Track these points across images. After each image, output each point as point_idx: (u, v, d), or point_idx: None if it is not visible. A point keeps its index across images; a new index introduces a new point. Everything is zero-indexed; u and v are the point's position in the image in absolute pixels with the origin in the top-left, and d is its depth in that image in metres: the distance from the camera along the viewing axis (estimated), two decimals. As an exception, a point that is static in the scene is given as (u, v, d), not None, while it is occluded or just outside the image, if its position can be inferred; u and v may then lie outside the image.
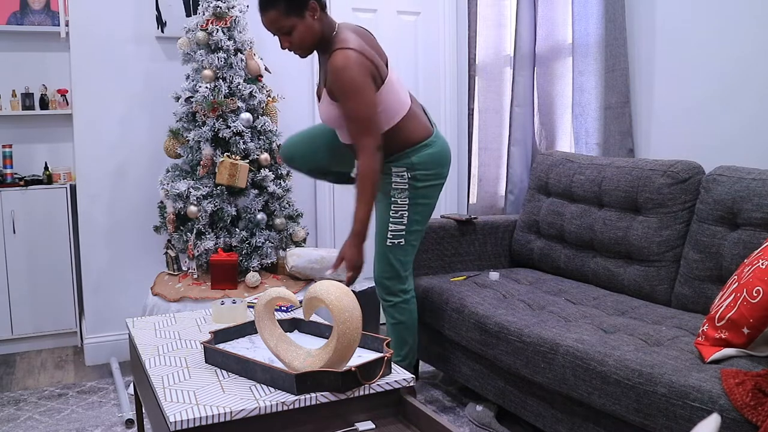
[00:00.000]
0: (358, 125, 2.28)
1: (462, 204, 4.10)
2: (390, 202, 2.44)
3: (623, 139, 2.99)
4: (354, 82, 2.24)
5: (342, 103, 2.29)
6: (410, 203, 2.44)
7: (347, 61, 2.24)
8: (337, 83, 2.26)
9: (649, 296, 2.51)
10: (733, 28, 2.55)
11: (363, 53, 2.28)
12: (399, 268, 2.50)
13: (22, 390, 3.07)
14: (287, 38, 2.30)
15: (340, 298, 1.53)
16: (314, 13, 2.28)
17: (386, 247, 2.48)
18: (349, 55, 2.24)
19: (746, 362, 1.76)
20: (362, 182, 2.30)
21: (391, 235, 2.47)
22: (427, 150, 2.44)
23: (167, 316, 2.20)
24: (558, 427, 2.17)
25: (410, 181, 2.43)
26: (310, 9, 2.27)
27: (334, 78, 2.26)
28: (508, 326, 2.31)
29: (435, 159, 2.45)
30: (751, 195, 2.19)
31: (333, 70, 2.25)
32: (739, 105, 2.55)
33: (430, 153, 2.44)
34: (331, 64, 2.26)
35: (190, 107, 3.06)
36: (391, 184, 2.43)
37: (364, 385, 1.58)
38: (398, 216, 2.45)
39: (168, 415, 1.44)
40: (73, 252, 3.63)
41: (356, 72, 2.24)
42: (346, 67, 2.24)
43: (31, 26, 3.73)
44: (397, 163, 2.42)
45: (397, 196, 2.44)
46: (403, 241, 2.47)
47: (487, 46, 3.72)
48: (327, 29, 2.35)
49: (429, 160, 2.43)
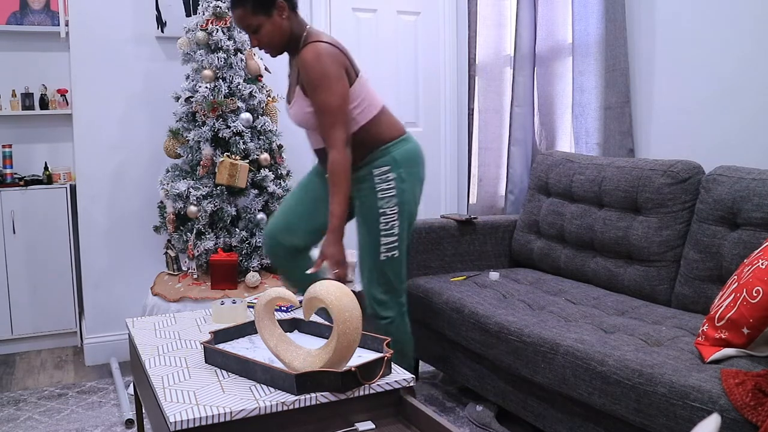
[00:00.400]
0: (329, 117, 2.25)
1: (462, 204, 4.10)
2: (378, 215, 2.36)
3: (623, 139, 2.99)
4: (326, 72, 2.22)
5: (313, 95, 2.26)
6: (399, 210, 2.37)
7: (319, 52, 2.23)
8: (309, 74, 2.24)
9: (649, 296, 2.51)
10: (733, 28, 2.55)
11: (335, 45, 2.28)
12: (394, 281, 2.43)
13: (22, 390, 3.07)
14: (255, 36, 2.28)
15: (340, 298, 1.53)
16: (282, 12, 2.26)
17: (381, 262, 2.40)
18: (320, 47, 2.24)
19: (746, 362, 1.76)
20: (335, 177, 2.26)
21: (385, 249, 2.39)
22: (407, 145, 2.41)
23: (167, 316, 2.20)
24: (558, 427, 2.17)
25: (397, 183, 2.36)
26: (278, 8, 2.25)
27: (306, 70, 2.24)
28: (508, 326, 2.31)
29: (414, 155, 2.42)
30: (751, 195, 2.19)
31: (305, 62, 2.24)
32: (739, 105, 2.55)
33: (409, 148, 2.41)
34: (302, 57, 2.25)
35: (190, 107, 3.06)
36: (376, 194, 2.36)
37: (364, 385, 1.57)
38: (389, 228, 2.37)
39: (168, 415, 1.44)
40: (73, 252, 3.63)
41: (328, 62, 2.23)
42: (318, 58, 2.22)
43: (31, 26, 3.73)
44: (379, 162, 2.36)
45: (386, 205, 2.36)
46: (397, 253, 2.40)
47: (487, 46, 3.72)
48: (297, 29, 2.32)
49: (410, 156, 2.40)
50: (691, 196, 2.46)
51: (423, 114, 4.05)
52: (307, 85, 2.26)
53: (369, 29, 3.86)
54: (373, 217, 2.37)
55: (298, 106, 2.35)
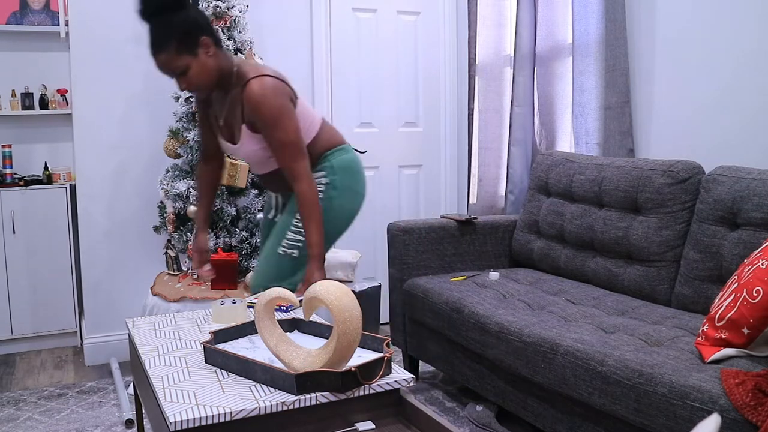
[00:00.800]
0: (290, 151, 2.20)
1: (462, 204, 4.10)
2: (298, 210, 2.31)
3: (623, 139, 2.99)
4: (279, 108, 2.17)
5: (268, 132, 2.19)
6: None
7: (266, 89, 2.16)
8: (262, 112, 2.16)
9: (649, 296, 2.51)
10: (734, 28, 2.55)
11: (277, 77, 2.22)
12: (275, 279, 2.33)
13: (22, 390, 3.07)
14: (183, 79, 2.14)
15: (340, 298, 1.53)
16: (208, 50, 2.14)
17: (276, 254, 2.33)
18: (266, 82, 2.16)
19: (746, 362, 1.76)
20: (308, 208, 2.22)
21: (286, 243, 2.32)
22: (345, 154, 2.39)
23: (167, 316, 2.20)
24: (558, 427, 2.17)
25: (327, 188, 2.33)
26: (202, 45, 2.12)
27: (256, 108, 2.16)
28: (508, 326, 2.31)
29: (352, 165, 2.39)
30: (751, 195, 2.19)
31: (253, 99, 2.16)
32: (739, 105, 2.55)
33: (347, 158, 2.38)
34: (249, 94, 2.16)
35: (190, 107, 3.06)
36: None
37: (364, 385, 1.57)
38: (301, 226, 2.31)
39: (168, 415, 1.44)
40: (73, 252, 3.63)
41: (278, 98, 2.17)
42: (268, 95, 2.15)
43: (31, 26, 3.73)
44: (316, 169, 2.34)
45: None
46: (296, 254, 2.32)
47: (487, 46, 3.72)
48: (225, 65, 2.21)
49: (346, 165, 2.37)
50: (691, 196, 2.46)
51: (423, 114, 4.05)
52: (261, 123, 2.19)
53: (369, 29, 3.86)
54: (292, 211, 2.34)
55: (248, 145, 2.27)
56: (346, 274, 3.11)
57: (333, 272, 3.09)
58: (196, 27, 2.11)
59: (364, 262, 3.96)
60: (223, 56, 2.21)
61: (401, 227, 3.01)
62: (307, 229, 2.23)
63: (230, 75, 2.23)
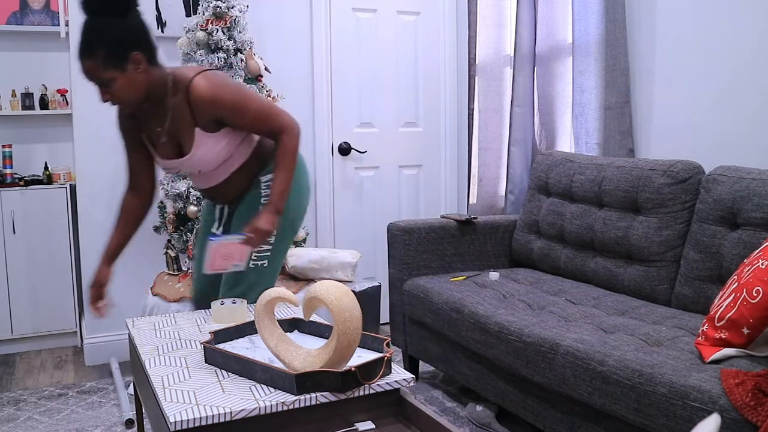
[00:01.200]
0: (269, 116, 2.13)
1: (462, 204, 4.10)
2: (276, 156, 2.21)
3: (623, 139, 2.99)
4: (235, 89, 2.09)
5: (237, 117, 2.10)
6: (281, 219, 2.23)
7: (213, 79, 2.07)
8: (221, 102, 2.06)
9: (649, 296, 2.51)
10: (734, 28, 2.55)
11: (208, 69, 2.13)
12: (253, 294, 2.27)
13: (22, 390, 3.07)
14: (106, 91, 2.00)
15: (340, 298, 1.53)
16: (138, 66, 1.99)
17: (248, 269, 2.24)
18: (209, 74, 2.07)
19: (746, 362, 1.76)
20: (289, 156, 2.14)
21: (256, 256, 2.23)
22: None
23: (167, 316, 2.20)
24: (558, 427, 2.17)
25: None
26: (133, 61, 1.98)
27: (212, 101, 2.05)
28: (508, 326, 2.31)
29: (301, 163, 2.32)
30: (751, 195, 2.19)
31: (205, 95, 2.05)
32: (739, 105, 2.55)
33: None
34: (197, 94, 2.04)
35: (190, 107, 3.06)
36: (260, 200, 2.26)
37: (364, 385, 1.57)
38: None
39: (168, 415, 1.44)
40: (73, 252, 3.63)
41: (228, 81, 2.10)
42: (217, 83, 2.06)
43: (31, 26, 3.73)
44: (266, 170, 2.27)
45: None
46: (267, 263, 2.26)
47: (487, 46, 3.72)
48: (158, 79, 2.07)
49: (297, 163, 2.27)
50: (691, 196, 2.46)
51: (423, 114, 4.05)
52: (225, 112, 2.08)
53: (369, 29, 3.86)
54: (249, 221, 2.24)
55: (206, 149, 2.14)
56: (346, 274, 3.11)
57: (333, 272, 3.09)
58: (131, 41, 1.97)
59: (364, 262, 3.96)
60: (156, 71, 2.07)
61: (401, 227, 3.01)
62: (278, 177, 2.14)
63: (165, 86, 2.09)
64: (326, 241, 3.81)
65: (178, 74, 2.10)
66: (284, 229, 2.27)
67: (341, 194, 3.87)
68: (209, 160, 2.17)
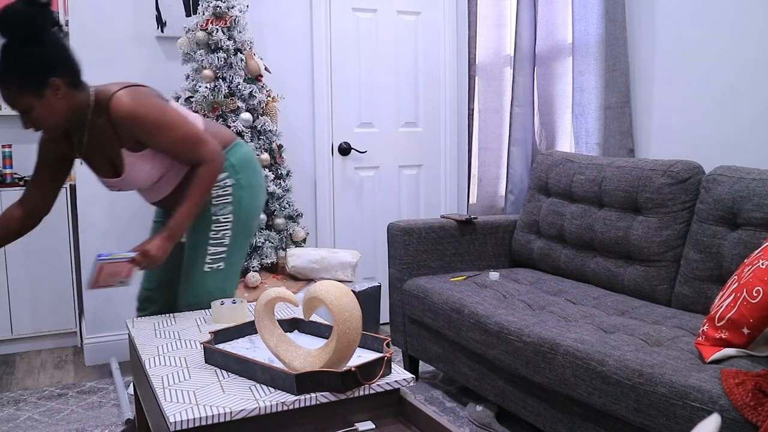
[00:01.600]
0: (188, 143, 2.05)
1: (462, 204, 4.10)
2: (211, 222, 2.20)
3: (623, 139, 2.99)
4: (154, 109, 2.00)
5: (157, 140, 2.02)
6: (234, 219, 2.21)
7: (131, 98, 1.98)
8: (139, 124, 1.99)
9: (649, 296, 2.51)
10: (734, 28, 2.55)
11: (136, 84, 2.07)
12: (212, 298, 2.23)
13: (22, 390, 3.07)
14: (27, 117, 1.93)
15: (340, 298, 1.53)
16: (57, 92, 1.92)
17: (204, 273, 2.20)
18: (127, 93, 1.99)
19: (746, 362, 1.76)
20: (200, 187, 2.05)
21: (210, 259, 2.20)
22: (242, 149, 2.26)
23: (167, 316, 2.20)
24: (558, 427, 2.17)
25: (234, 190, 2.21)
26: (51, 87, 1.91)
27: (132, 123, 1.98)
28: (508, 326, 2.31)
29: (251, 160, 2.27)
30: (751, 195, 2.19)
31: (124, 117, 1.98)
32: (739, 105, 2.55)
33: (245, 153, 2.26)
34: (116, 115, 1.98)
35: (190, 107, 3.06)
36: (211, 200, 2.20)
37: (364, 385, 1.58)
38: (219, 237, 2.20)
39: (168, 415, 1.44)
40: (73, 252, 3.63)
41: (148, 100, 2.01)
42: (135, 103, 1.98)
43: (31, 26, 3.72)
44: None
45: (219, 212, 2.20)
46: (223, 265, 2.22)
47: (487, 46, 3.72)
48: (80, 102, 2.00)
49: (247, 161, 2.25)
50: (691, 196, 2.46)
51: (423, 114, 4.06)
52: (144, 135, 2.01)
53: (369, 29, 3.86)
54: (204, 225, 2.20)
55: (136, 169, 2.09)
56: (346, 274, 3.11)
57: (333, 272, 3.09)
58: (48, 66, 1.90)
59: (364, 262, 3.96)
60: (79, 95, 2.00)
61: (401, 227, 3.02)
62: (182, 206, 2.05)
63: (87, 110, 2.03)
64: (326, 241, 3.81)
65: (100, 92, 2.02)
66: (238, 231, 2.24)
67: (341, 194, 3.87)
68: (143, 179, 2.12)
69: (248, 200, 2.25)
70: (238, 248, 2.25)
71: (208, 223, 2.20)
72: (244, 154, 2.27)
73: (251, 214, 2.27)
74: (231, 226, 2.21)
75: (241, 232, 2.24)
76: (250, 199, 2.25)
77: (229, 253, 2.23)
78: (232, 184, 2.22)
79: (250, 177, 2.26)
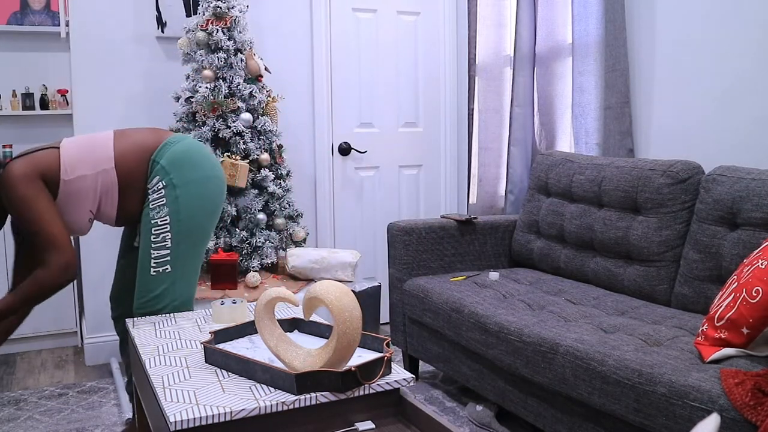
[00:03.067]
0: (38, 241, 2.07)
1: (462, 204, 4.11)
2: (150, 226, 2.18)
3: (623, 139, 2.99)
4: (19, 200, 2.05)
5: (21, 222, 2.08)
6: (172, 220, 2.18)
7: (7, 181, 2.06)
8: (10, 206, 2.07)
9: (649, 296, 2.51)
10: (733, 28, 2.55)
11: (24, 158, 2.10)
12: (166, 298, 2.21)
13: (22, 390, 3.07)
14: None
15: (340, 298, 1.53)
16: None
17: (151, 277, 2.19)
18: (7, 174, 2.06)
19: (746, 362, 1.76)
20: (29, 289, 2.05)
21: (155, 263, 2.18)
22: (172, 148, 2.21)
23: (167, 316, 2.20)
24: (558, 427, 2.17)
25: (167, 191, 2.17)
26: None
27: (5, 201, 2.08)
28: (508, 326, 2.31)
29: (185, 156, 2.21)
30: (750, 195, 2.19)
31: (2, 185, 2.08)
32: (738, 105, 2.55)
33: (176, 151, 2.20)
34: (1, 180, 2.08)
35: (190, 107, 3.06)
36: (149, 205, 2.19)
37: (364, 385, 1.58)
38: (160, 240, 2.17)
39: (168, 415, 1.44)
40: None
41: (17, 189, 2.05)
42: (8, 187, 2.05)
43: (31, 26, 3.73)
44: (150, 177, 2.20)
45: (156, 216, 2.17)
46: (170, 268, 2.19)
47: (487, 46, 3.72)
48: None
49: (178, 159, 2.20)
50: (691, 196, 2.46)
51: (423, 114, 4.06)
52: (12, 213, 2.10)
53: (369, 29, 3.86)
54: (146, 230, 2.20)
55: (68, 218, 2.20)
56: (346, 274, 3.11)
57: (333, 272, 3.09)
58: None
59: (364, 262, 3.96)
60: None
61: (401, 227, 3.02)
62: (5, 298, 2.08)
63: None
64: (326, 241, 3.81)
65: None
66: (179, 230, 2.19)
67: (341, 194, 3.87)
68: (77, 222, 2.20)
69: (186, 197, 2.19)
70: (186, 248, 2.21)
71: (149, 227, 2.19)
72: (175, 153, 2.21)
73: (193, 210, 2.21)
74: (169, 227, 2.17)
75: (183, 231, 2.20)
76: (188, 196, 2.20)
77: (175, 254, 2.19)
78: (164, 186, 2.18)
79: (185, 173, 2.20)
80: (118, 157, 2.19)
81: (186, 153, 2.22)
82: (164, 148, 2.21)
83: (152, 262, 2.18)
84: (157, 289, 2.19)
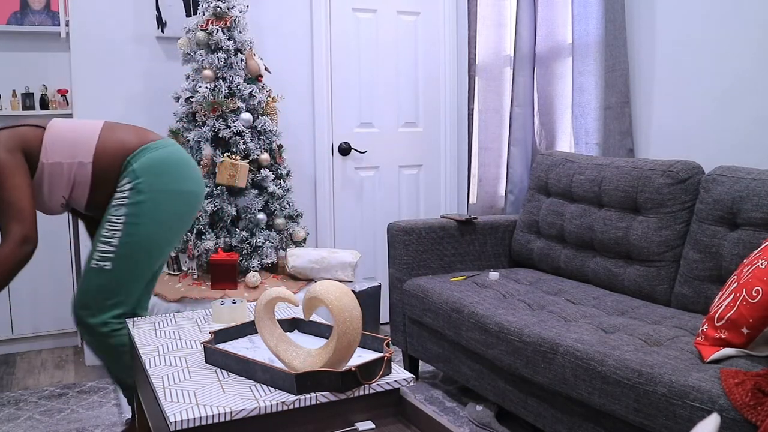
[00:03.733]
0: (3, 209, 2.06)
1: (462, 204, 4.11)
2: (105, 221, 2.17)
3: (623, 139, 2.99)
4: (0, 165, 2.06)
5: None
6: (127, 221, 2.14)
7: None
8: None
9: (649, 296, 2.51)
10: (733, 28, 2.55)
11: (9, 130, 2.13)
12: (96, 296, 2.15)
13: (22, 390, 3.07)
14: None
15: (340, 298, 1.53)
16: None
17: (90, 269, 2.16)
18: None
19: (746, 362, 1.76)
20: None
21: (98, 256, 2.15)
22: (150, 153, 2.19)
23: (167, 316, 2.20)
24: (558, 427, 2.17)
25: (131, 193, 2.15)
26: None
27: None
28: (508, 326, 2.31)
29: (162, 163, 2.19)
30: (750, 195, 2.19)
31: None
32: (738, 105, 2.55)
33: (153, 157, 2.18)
34: None
35: (190, 107, 3.07)
36: (111, 202, 2.20)
37: (364, 385, 1.58)
38: (108, 236, 2.14)
39: (168, 415, 1.44)
40: (73, 252, 3.63)
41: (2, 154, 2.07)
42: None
43: (31, 26, 3.73)
44: (121, 178, 2.19)
45: (114, 213, 2.16)
46: (109, 266, 2.14)
47: (487, 46, 3.72)
48: None
49: (152, 165, 2.17)
50: (691, 196, 2.46)
51: (423, 114, 4.06)
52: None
53: (369, 29, 3.86)
54: (102, 224, 2.19)
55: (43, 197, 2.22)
56: (346, 274, 3.11)
57: (333, 272, 3.09)
58: None
59: (364, 262, 3.96)
60: None
61: (401, 227, 3.02)
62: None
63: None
64: (326, 241, 3.81)
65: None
66: (132, 234, 2.15)
67: (341, 194, 3.87)
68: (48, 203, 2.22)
69: (150, 204, 2.16)
70: (134, 253, 2.17)
71: (104, 222, 2.18)
72: (151, 158, 2.19)
73: (154, 220, 2.17)
74: (122, 228, 2.14)
75: (136, 238, 2.16)
76: (153, 204, 2.17)
77: (118, 255, 2.15)
78: (130, 189, 2.16)
79: (155, 181, 2.17)
80: (98, 153, 2.19)
81: (163, 161, 2.19)
82: (142, 152, 2.19)
83: (95, 254, 2.16)
84: (92, 282, 2.16)
